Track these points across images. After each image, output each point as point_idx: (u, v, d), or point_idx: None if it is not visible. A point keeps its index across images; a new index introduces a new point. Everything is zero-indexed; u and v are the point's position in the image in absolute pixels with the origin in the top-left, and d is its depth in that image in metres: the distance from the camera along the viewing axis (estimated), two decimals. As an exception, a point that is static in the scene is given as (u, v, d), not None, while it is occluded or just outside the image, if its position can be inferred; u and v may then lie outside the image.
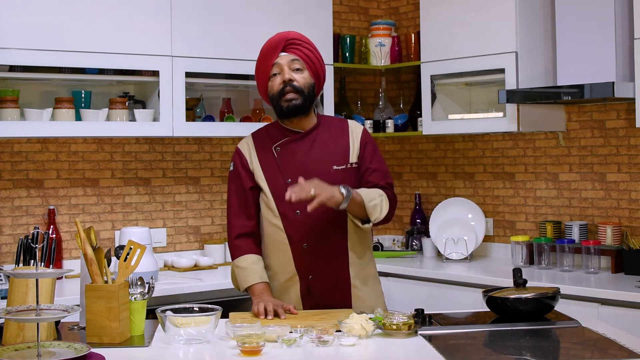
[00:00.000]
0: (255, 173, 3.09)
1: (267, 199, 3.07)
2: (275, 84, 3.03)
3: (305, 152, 3.07)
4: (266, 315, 2.81)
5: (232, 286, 3.10)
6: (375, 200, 2.97)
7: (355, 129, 3.15)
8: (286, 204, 2.99)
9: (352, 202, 2.90)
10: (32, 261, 2.74)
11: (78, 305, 2.50)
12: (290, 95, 3.01)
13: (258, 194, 3.11)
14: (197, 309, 2.66)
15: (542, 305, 2.81)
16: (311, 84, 3.06)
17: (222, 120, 4.57)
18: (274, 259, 3.09)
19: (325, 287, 3.06)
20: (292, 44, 3.04)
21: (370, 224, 3.01)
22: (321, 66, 3.10)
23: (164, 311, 2.59)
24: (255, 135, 3.17)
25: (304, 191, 2.81)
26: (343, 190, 2.86)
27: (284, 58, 3.03)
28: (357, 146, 3.11)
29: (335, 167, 3.06)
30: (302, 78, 3.03)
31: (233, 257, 3.09)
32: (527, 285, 2.92)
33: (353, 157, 3.09)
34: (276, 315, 2.83)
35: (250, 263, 3.04)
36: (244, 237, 3.09)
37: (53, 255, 2.88)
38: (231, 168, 3.15)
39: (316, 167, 3.04)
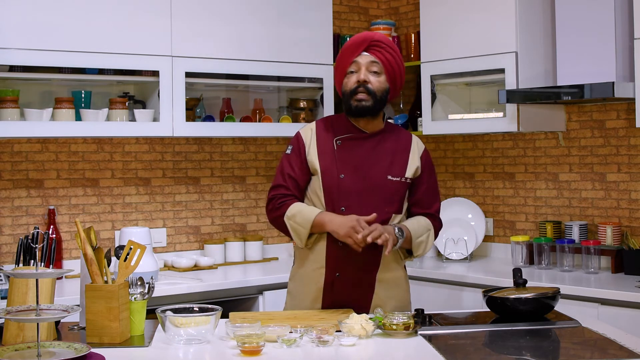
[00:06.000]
0: (310, 160, 3.07)
1: (317, 188, 3.06)
2: (350, 81, 3.04)
3: (364, 154, 3.07)
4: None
5: (232, 286, 3.08)
6: (421, 237, 3.06)
7: (418, 147, 3.16)
8: (333, 198, 3.02)
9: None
10: (32, 261, 2.74)
11: (78, 305, 2.50)
12: (361, 96, 3.01)
13: (303, 181, 3.08)
14: (197, 309, 2.67)
15: (542, 305, 2.81)
16: (385, 88, 3.06)
17: (222, 120, 4.57)
18: (307, 248, 3.08)
19: (349, 286, 3.06)
20: (375, 45, 3.03)
21: (413, 258, 3.12)
22: (400, 72, 3.09)
23: (164, 311, 2.59)
24: (319, 123, 3.17)
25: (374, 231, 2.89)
26: (398, 233, 2.97)
27: (364, 58, 3.03)
28: (416, 164, 3.11)
29: (389, 177, 3.06)
30: (377, 81, 3.03)
31: (281, 214, 3.03)
32: (527, 285, 2.92)
33: (409, 173, 3.10)
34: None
35: (300, 206, 3.03)
36: (286, 197, 3.06)
37: (53, 255, 2.88)
38: (288, 151, 3.13)
39: (372, 171, 3.05)
